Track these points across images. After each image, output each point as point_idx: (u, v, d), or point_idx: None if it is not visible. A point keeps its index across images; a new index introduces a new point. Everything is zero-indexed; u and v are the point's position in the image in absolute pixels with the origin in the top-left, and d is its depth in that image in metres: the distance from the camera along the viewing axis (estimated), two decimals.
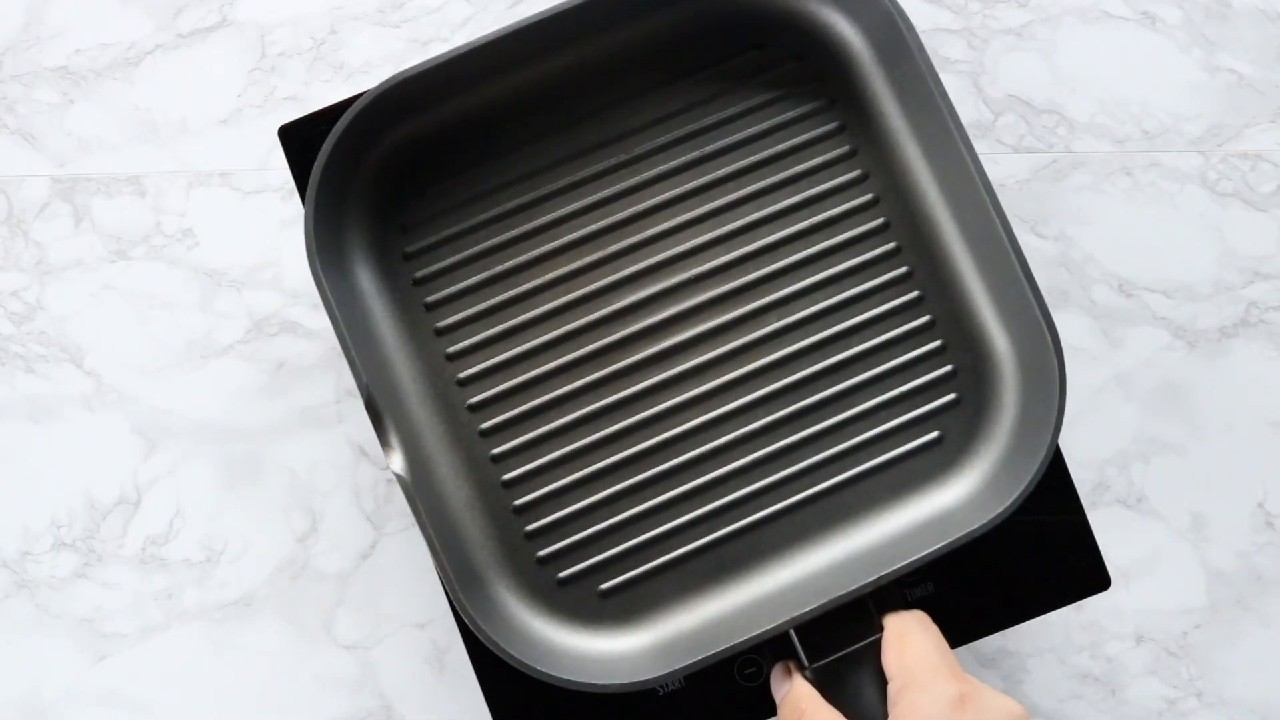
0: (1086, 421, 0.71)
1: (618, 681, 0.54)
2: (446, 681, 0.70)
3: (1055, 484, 0.60)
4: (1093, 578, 0.60)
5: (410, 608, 0.71)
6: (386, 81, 0.55)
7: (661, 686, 0.59)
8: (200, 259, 0.73)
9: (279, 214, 0.73)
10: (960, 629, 0.59)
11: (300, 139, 0.60)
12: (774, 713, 0.57)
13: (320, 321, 0.71)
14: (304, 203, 0.56)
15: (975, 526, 0.53)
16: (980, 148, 0.73)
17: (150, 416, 0.72)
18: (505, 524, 0.59)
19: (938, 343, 0.59)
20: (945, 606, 0.59)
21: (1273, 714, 0.70)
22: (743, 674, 0.60)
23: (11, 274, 0.73)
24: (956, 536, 0.53)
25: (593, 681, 0.54)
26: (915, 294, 0.59)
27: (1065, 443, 0.61)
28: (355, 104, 0.55)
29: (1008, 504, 0.54)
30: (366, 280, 0.59)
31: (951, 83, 0.73)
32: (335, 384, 0.72)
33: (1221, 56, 0.73)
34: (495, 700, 0.60)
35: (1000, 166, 0.72)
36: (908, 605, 0.55)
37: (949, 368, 0.59)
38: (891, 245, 0.59)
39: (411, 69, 0.55)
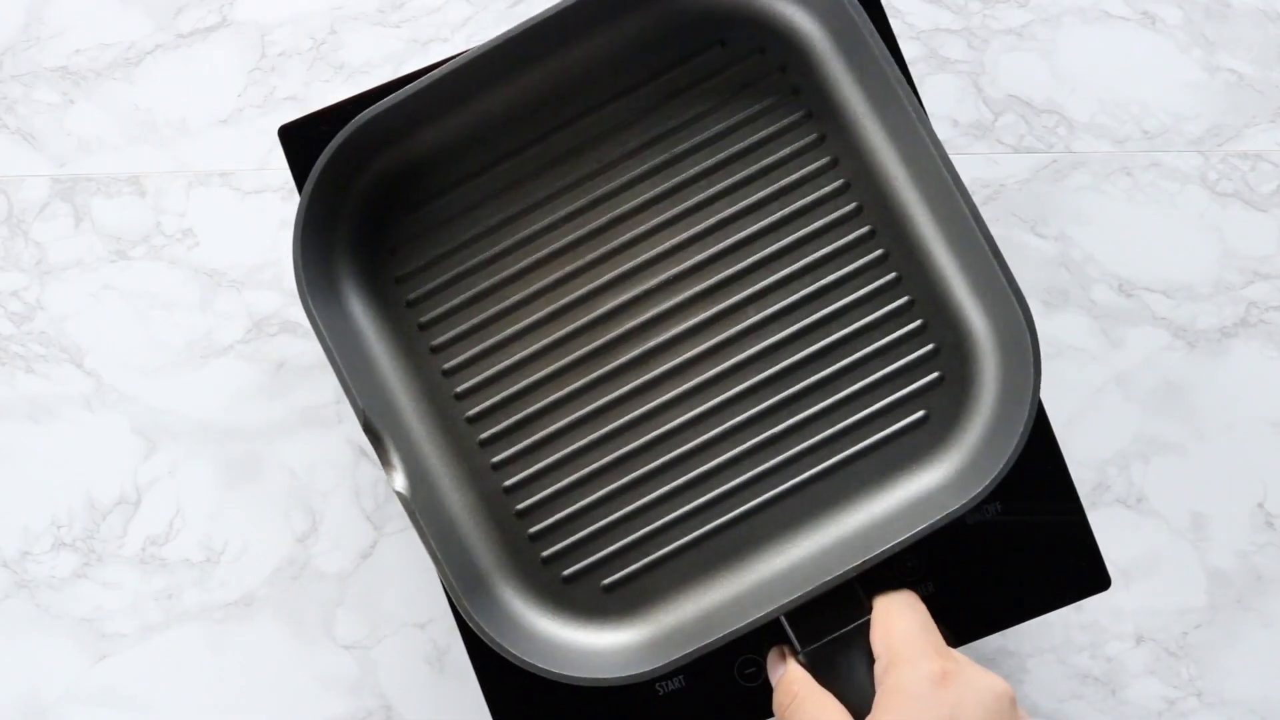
0: (1086, 421, 0.71)
1: (620, 675, 0.55)
2: (446, 681, 0.70)
3: (1055, 484, 0.60)
4: (1093, 578, 0.60)
5: (410, 608, 0.71)
6: (358, 119, 0.56)
7: (661, 686, 0.60)
8: (200, 259, 0.73)
9: (279, 214, 0.73)
10: (960, 629, 0.59)
11: (300, 139, 0.60)
12: (772, 713, 0.57)
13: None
14: (292, 239, 0.57)
15: (956, 506, 0.54)
16: (980, 148, 0.73)
17: (150, 416, 0.72)
18: (508, 528, 0.59)
19: (918, 322, 0.59)
20: (945, 606, 0.59)
21: (1273, 714, 0.70)
22: (743, 674, 0.60)
23: (11, 274, 0.73)
24: (937, 518, 0.54)
25: (597, 676, 0.55)
26: (892, 275, 0.59)
27: (1065, 443, 0.61)
28: (330, 143, 0.56)
29: (987, 482, 0.54)
30: (359, 306, 0.60)
31: (951, 83, 0.73)
32: (335, 384, 0.72)
33: (1221, 56, 0.73)
34: (495, 700, 0.60)
35: (1000, 166, 0.72)
36: (897, 586, 0.55)
37: (931, 346, 0.59)
38: (865, 229, 0.60)
39: (379, 105, 0.56)
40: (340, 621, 0.70)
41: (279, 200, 0.73)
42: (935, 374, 0.59)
